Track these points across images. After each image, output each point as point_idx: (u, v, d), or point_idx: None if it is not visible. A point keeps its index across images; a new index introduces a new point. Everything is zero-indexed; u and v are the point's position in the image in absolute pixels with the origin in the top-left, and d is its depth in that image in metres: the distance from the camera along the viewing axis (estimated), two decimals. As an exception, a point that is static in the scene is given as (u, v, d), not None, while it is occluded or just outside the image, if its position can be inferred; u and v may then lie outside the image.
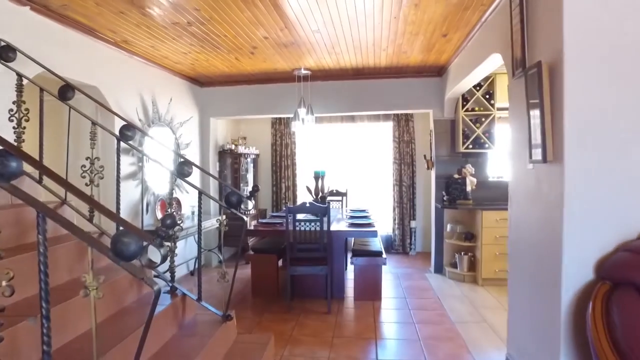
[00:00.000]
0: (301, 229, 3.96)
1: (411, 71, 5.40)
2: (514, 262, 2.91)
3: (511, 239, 2.96)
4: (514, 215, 2.90)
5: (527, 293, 2.62)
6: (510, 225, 2.96)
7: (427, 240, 6.92)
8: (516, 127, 2.80)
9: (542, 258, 2.37)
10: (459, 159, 5.52)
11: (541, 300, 2.38)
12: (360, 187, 7.13)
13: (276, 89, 5.80)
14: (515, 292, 2.89)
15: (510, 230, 2.97)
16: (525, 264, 2.69)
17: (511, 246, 2.96)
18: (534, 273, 2.49)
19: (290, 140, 7.06)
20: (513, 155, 2.88)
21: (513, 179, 2.90)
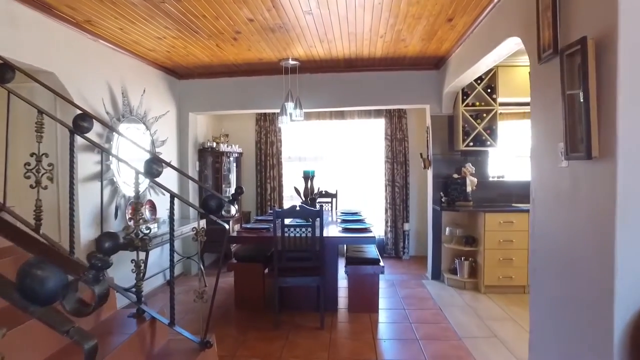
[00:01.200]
0: (290, 235, 3.54)
1: (408, 63, 5.03)
2: (538, 275, 2.53)
3: (534, 248, 2.59)
4: (538, 221, 2.53)
5: (558, 313, 2.25)
6: (533, 232, 2.59)
7: (421, 243, 6.57)
8: (542, 119, 2.43)
9: (582, 272, 2.00)
10: (458, 158, 5.17)
11: (581, 323, 2.01)
12: (351, 187, 6.74)
13: (261, 81, 5.36)
14: (540, 310, 2.52)
15: (533, 238, 2.60)
16: (554, 277, 2.32)
17: (534, 256, 2.59)
18: (569, 290, 2.12)
19: (276, 137, 6.61)
20: (537, 152, 2.51)
21: (536, 179, 2.54)
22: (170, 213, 2.32)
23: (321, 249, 3.54)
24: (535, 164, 2.55)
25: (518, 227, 4.49)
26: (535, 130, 2.52)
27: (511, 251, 4.50)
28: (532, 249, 2.61)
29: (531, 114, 2.60)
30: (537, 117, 2.51)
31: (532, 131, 2.57)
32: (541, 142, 2.45)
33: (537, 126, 2.50)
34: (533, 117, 2.57)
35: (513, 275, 4.51)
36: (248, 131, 6.70)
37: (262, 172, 6.65)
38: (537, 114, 2.50)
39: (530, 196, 2.61)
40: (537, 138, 2.51)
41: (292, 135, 6.73)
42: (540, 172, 2.47)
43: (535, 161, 2.54)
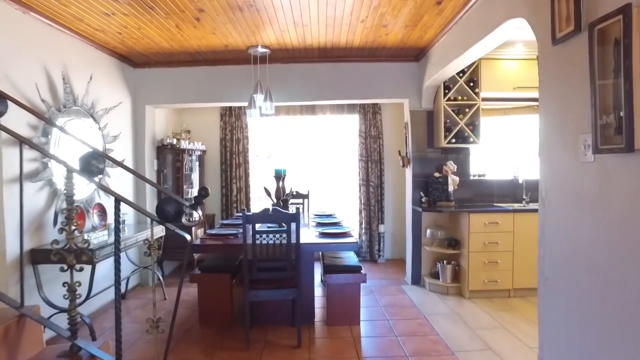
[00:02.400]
0: (263, 242, 3.10)
1: (386, 54, 4.70)
2: (550, 284, 2.24)
3: (543, 254, 2.29)
4: (550, 224, 2.23)
5: (580, 329, 1.95)
6: (543, 235, 2.30)
7: (397, 246, 6.29)
8: (556, 108, 2.13)
9: (613, 284, 1.70)
10: (438, 156, 4.90)
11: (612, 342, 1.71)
12: (323, 188, 6.36)
13: (228, 72, 4.87)
14: (553, 325, 2.22)
15: (542, 242, 2.30)
16: (572, 288, 2.02)
17: (544, 263, 2.29)
18: (595, 303, 1.82)
19: (243, 134, 6.13)
20: (549, 147, 2.21)
21: (548, 176, 2.24)
22: (116, 221, 1.84)
23: (297, 258, 3.13)
24: (546, 159, 2.25)
25: (503, 228, 4.26)
26: (547, 121, 2.22)
27: (496, 254, 4.27)
28: (542, 255, 2.31)
29: (540, 103, 2.30)
30: (549, 106, 2.21)
31: (542, 123, 2.27)
32: (555, 135, 2.15)
33: (549, 117, 2.20)
34: (543, 107, 2.27)
35: (498, 279, 4.27)
36: (212, 127, 6.18)
37: (228, 171, 6.15)
38: (549, 103, 2.20)
39: (540, 196, 2.31)
40: (548, 131, 2.21)
41: (260, 131, 6.28)
42: (554, 168, 2.18)
43: (546, 157, 2.24)
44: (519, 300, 4.22)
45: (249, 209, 6.18)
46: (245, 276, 3.09)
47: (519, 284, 4.30)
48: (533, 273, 4.36)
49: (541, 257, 2.30)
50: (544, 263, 2.27)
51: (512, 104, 4.97)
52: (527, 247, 4.28)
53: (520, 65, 4.56)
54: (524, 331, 3.43)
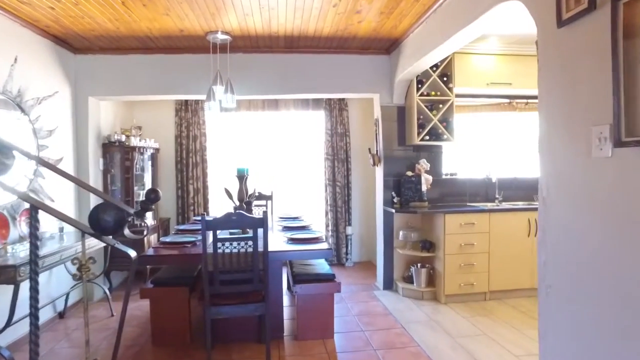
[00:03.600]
0: (225, 251, 2.71)
1: (357, 46, 4.41)
2: (554, 295, 2.01)
3: (545, 260, 2.06)
4: (553, 227, 2.00)
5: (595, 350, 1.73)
6: (544, 240, 2.07)
7: (365, 248, 6.05)
8: (562, 99, 1.90)
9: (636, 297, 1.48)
10: (410, 154, 4.68)
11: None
12: (288, 188, 6.00)
13: (184, 61, 4.40)
14: (558, 343, 1.99)
15: (544, 247, 2.07)
16: (584, 300, 1.79)
17: (546, 271, 2.06)
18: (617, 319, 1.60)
19: (200, 131, 5.65)
20: (552, 142, 1.98)
21: (551, 173, 2.01)
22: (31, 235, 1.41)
23: (265, 268, 2.76)
24: (547, 156, 2.02)
25: (479, 228, 4.10)
26: (549, 114, 1.99)
27: (472, 255, 4.09)
28: (543, 260, 2.08)
29: (540, 94, 2.07)
30: (551, 97, 1.98)
31: (543, 116, 2.04)
32: (559, 129, 1.92)
33: (552, 109, 1.97)
34: (544, 98, 2.04)
35: (474, 282, 4.10)
36: (166, 123, 5.65)
37: (184, 171, 5.65)
38: (552, 93, 1.97)
39: (540, 195, 2.09)
40: (551, 124, 1.98)
41: (219, 128, 5.82)
42: (557, 165, 1.95)
43: (547, 152, 2.02)
44: (496, 304, 4.07)
45: (207, 212, 5.71)
46: (206, 291, 2.69)
47: (494, 287, 4.16)
48: (508, 274, 4.30)
49: (542, 263, 2.08)
50: (546, 270, 2.04)
51: (483, 100, 4.84)
52: (502, 248, 4.14)
53: (493, 61, 4.42)
54: (507, 338, 3.25)
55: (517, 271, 4.18)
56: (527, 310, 3.88)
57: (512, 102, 4.88)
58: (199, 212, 5.69)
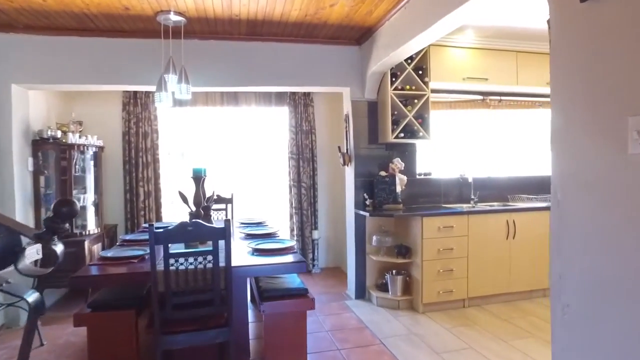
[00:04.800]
0: (180, 268, 2.26)
1: (326, 35, 4.05)
2: (573, 313, 1.72)
3: (560, 272, 1.77)
4: (572, 234, 1.72)
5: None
6: (559, 248, 1.78)
7: (332, 253, 5.72)
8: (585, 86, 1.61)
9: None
10: (383, 152, 4.38)
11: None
12: (249, 190, 5.55)
13: (130, 46, 3.86)
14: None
15: (559, 256, 1.78)
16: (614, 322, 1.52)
17: (560, 285, 1.78)
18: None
19: (151, 127, 5.08)
20: (569, 135, 1.70)
21: (567, 172, 1.72)
22: None
23: (229, 287, 2.33)
24: (563, 152, 1.73)
25: (458, 231, 3.85)
26: (567, 104, 1.71)
27: (451, 261, 3.85)
28: (558, 273, 1.80)
29: (555, 81, 1.78)
30: (571, 84, 1.70)
31: (558, 107, 1.75)
32: (581, 121, 1.63)
33: (573, 97, 1.68)
34: (560, 85, 1.75)
35: (453, 289, 3.85)
36: (112, 118, 5.03)
37: (133, 172, 5.06)
38: (572, 80, 1.69)
39: (553, 198, 1.80)
40: (570, 115, 1.69)
41: (173, 124, 5.28)
42: (577, 163, 1.66)
43: (564, 148, 1.73)
44: (476, 311, 3.84)
45: (160, 218, 5.15)
46: (156, 317, 2.22)
47: (473, 293, 3.93)
48: (487, 280, 4.02)
49: (558, 276, 1.79)
50: (563, 285, 1.76)
51: (457, 97, 4.63)
52: (481, 252, 3.93)
53: (470, 55, 4.20)
54: (494, 351, 3.00)
55: (495, 276, 3.98)
56: (508, 317, 3.68)
57: (486, 100, 4.70)
58: (150, 217, 5.12)
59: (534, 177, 4.88)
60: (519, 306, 3.95)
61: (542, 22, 3.79)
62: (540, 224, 4.13)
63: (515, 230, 4.01)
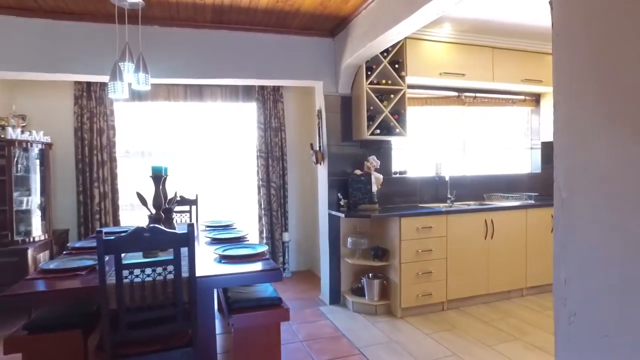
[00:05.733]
0: (135, 281, 1.95)
1: (298, 25, 3.81)
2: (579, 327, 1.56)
3: (566, 277, 1.62)
4: (580, 238, 1.55)
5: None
6: (565, 253, 1.60)
7: (304, 256, 5.49)
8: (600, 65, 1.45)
9: None
10: (357, 150, 4.19)
11: None
12: (215, 190, 5.22)
13: (79, 31, 3.47)
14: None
15: (565, 261, 1.61)
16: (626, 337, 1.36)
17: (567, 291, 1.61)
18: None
19: (107, 123, 4.66)
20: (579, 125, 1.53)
21: (575, 169, 1.55)
22: None
23: (192, 300, 2.05)
24: (570, 145, 1.56)
25: (436, 232, 3.71)
26: (574, 93, 1.54)
27: (430, 262, 3.69)
28: (563, 278, 1.62)
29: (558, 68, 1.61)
30: (578, 70, 1.53)
31: (562, 96, 1.58)
32: (587, 110, 1.47)
33: (580, 86, 1.52)
34: (565, 72, 1.58)
35: (432, 292, 3.70)
36: (62, 112, 4.58)
37: (87, 172, 4.62)
38: (579, 65, 1.52)
39: (557, 196, 1.62)
40: (577, 105, 1.53)
41: (131, 120, 4.88)
42: (588, 157, 1.49)
43: (572, 140, 1.56)
44: (455, 314, 3.70)
45: (117, 222, 4.74)
46: (107, 338, 1.90)
47: (452, 295, 3.80)
48: (466, 281, 3.82)
49: (562, 281, 1.61)
50: (569, 291, 1.58)
51: (433, 93, 4.49)
52: (459, 253, 3.81)
53: (447, 49, 4.07)
54: (480, 358, 2.85)
55: (474, 277, 3.87)
56: (489, 319, 3.56)
57: (461, 96, 4.60)
58: (106, 221, 4.70)
59: (507, 176, 4.83)
60: (498, 307, 3.85)
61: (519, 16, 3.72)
62: (518, 223, 4.06)
63: (494, 230, 3.91)
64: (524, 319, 3.58)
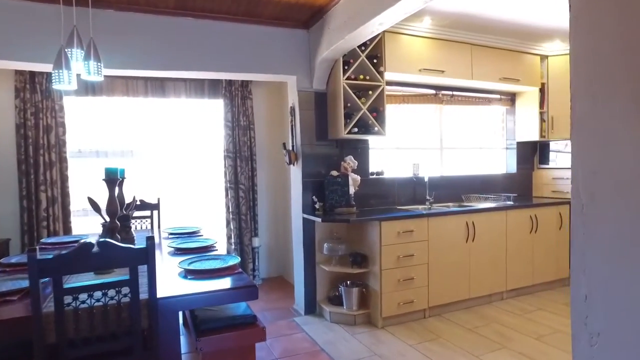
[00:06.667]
0: (80, 306, 1.61)
1: (270, 14, 3.52)
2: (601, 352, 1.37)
3: (587, 295, 1.43)
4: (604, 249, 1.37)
5: None
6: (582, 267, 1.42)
7: (275, 262, 5.22)
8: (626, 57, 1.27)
9: None
10: (333, 150, 3.95)
11: None
12: (179, 194, 4.84)
13: (17, 10, 3.03)
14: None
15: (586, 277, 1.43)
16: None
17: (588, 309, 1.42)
18: None
19: (56, 120, 4.19)
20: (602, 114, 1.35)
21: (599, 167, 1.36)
22: None
23: (154, 326, 1.73)
24: (593, 143, 1.38)
25: (418, 236, 3.53)
26: (597, 83, 1.36)
27: (412, 268, 3.51)
28: (583, 293, 1.44)
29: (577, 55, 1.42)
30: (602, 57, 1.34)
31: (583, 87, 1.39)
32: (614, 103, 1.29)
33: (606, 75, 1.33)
34: (586, 60, 1.39)
35: (414, 299, 3.52)
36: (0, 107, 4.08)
37: (31, 174, 4.12)
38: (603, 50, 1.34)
39: (575, 202, 1.43)
40: (602, 97, 1.34)
41: (84, 117, 4.42)
42: (613, 156, 1.32)
43: (593, 138, 1.38)
44: (437, 322, 3.53)
45: (68, 229, 4.28)
46: (44, 378, 1.56)
47: (434, 302, 3.63)
48: (448, 286, 3.59)
49: (582, 297, 1.43)
50: (590, 308, 1.40)
51: (411, 90, 4.31)
52: (441, 257, 3.65)
53: (426, 45, 3.90)
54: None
55: (456, 282, 3.72)
56: (472, 326, 3.41)
57: (439, 94, 4.45)
58: (56, 229, 4.22)
59: (483, 176, 4.74)
60: (480, 312, 3.72)
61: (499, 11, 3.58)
62: (498, 224, 3.95)
63: (475, 233, 3.78)
64: (507, 324, 3.45)
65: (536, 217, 4.15)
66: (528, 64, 4.47)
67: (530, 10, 3.50)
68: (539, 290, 4.27)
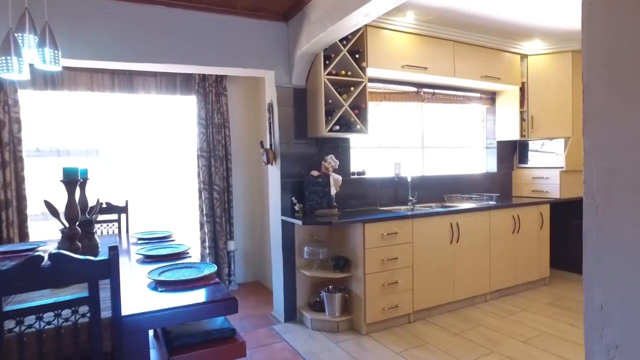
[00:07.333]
0: (27, 331, 1.37)
1: (245, 5, 3.31)
2: None
3: (602, 304, 1.31)
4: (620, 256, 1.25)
5: None
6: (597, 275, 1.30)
7: (251, 266, 5.01)
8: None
9: None
10: (313, 148, 3.78)
11: None
12: (149, 196, 4.55)
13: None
14: None
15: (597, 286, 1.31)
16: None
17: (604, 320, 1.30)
18: None
19: (10, 115, 3.84)
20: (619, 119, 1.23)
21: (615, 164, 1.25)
22: None
23: (118, 350, 1.50)
24: (610, 138, 1.26)
25: (402, 238, 3.40)
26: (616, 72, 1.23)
27: (396, 272, 3.37)
28: (598, 303, 1.32)
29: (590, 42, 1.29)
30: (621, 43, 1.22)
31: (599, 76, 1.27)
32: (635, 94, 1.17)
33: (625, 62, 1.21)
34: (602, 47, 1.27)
35: (399, 304, 3.38)
36: (-53, 102, 3.70)
37: (-17, 175, 3.77)
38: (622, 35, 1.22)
39: (589, 202, 1.31)
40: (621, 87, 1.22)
41: (43, 113, 4.08)
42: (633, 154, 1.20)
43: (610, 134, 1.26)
44: (423, 326, 3.41)
45: (25, 235, 3.93)
46: (-16, 416, 1.31)
47: (418, 305, 3.51)
48: (432, 289, 3.47)
49: (597, 308, 1.31)
50: (606, 319, 1.28)
51: (391, 87, 4.19)
52: (426, 260, 3.54)
53: (409, 41, 3.78)
54: (459, 382, 2.55)
55: (440, 285, 3.62)
56: (459, 330, 3.31)
57: (420, 92, 4.35)
58: (10, 235, 3.87)
59: (463, 176, 4.68)
60: (465, 315, 3.63)
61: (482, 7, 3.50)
62: (482, 225, 3.88)
63: (459, 234, 3.68)
64: (493, 326, 3.37)
65: (519, 217, 4.10)
66: (509, 62, 4.43)
67: (513, 7, 3.43)
68: (522, 291, 4.23)
